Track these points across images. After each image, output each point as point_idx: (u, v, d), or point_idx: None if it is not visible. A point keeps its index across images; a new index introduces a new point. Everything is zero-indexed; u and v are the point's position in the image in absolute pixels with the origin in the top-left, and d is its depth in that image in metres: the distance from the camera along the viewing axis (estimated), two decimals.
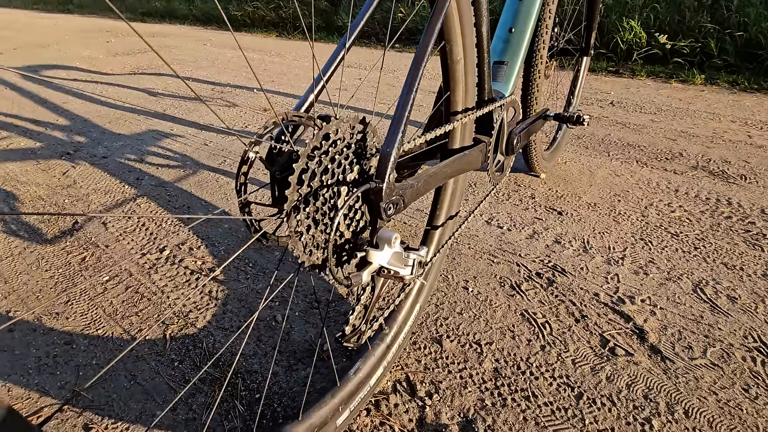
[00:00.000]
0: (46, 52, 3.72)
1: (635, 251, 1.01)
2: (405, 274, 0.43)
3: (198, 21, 6.36)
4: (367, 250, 0.42)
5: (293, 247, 0.40)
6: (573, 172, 1.44)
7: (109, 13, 7.78)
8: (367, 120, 0.46)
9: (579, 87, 1.43)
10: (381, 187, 0.41)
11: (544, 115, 0.96)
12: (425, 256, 0.46)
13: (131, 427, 0.62)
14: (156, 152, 1.59)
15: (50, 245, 1.05)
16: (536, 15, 0.85)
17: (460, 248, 1.01)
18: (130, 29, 5.76)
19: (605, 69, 3.20)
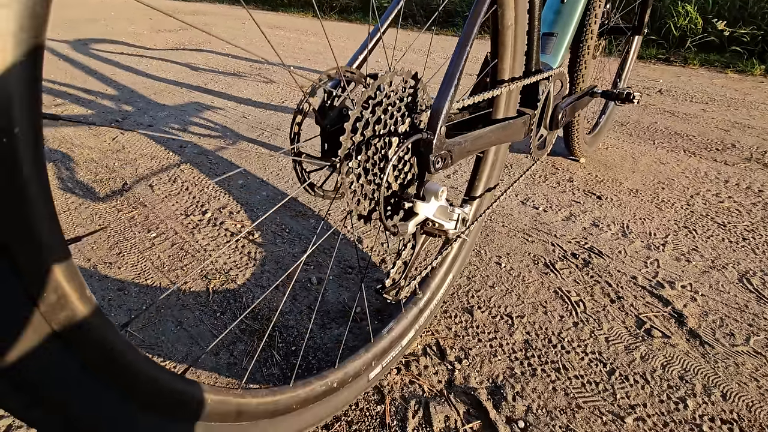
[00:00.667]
0: (94, 27, 3.87)
1: (678, 238, 0.97)
2: (449, 227, 0.44)
3: (235, 0, 6.44)
4: (414, 201, 0.43)
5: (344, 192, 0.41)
6: (615, 158, 1.39)
7: None
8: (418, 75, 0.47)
9: (628, 67, 1.37)
10: (431, 139, 0.41)
11: (592, 91, 0.93)
12: (469, 214, 0.46)
13: (177, 366, 0.66)
14: (198, 123, 1.65)
15: (103, 203, 1.11)
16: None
17: (494, 226, 1.01)
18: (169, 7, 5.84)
19: (654, 56, 3.04)
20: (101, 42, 3.18)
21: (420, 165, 0.44)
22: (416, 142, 0.42)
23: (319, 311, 0.77)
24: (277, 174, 1.27)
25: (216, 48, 3.06)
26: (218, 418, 0.39)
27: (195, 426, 0.36)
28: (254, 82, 2.21)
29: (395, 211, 0.45)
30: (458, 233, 0.45)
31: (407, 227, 0.43)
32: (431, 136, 0.41)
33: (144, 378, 0.31)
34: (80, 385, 0.27)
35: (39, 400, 0.26)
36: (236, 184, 1.21)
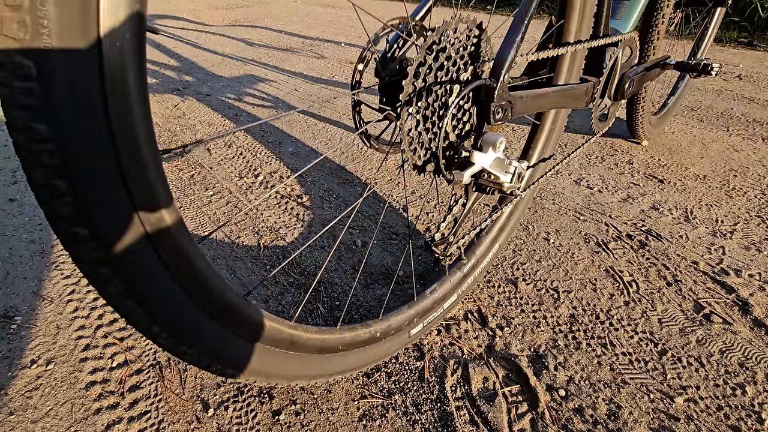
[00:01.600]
0: (158, 3, 4.06)
1: (749, 227, 0.90)
2: (505, 180, 0.43)
3: None
4: (471, 150, 0.43)
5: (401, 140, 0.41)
6: (681, 142, 1.30)
7: None
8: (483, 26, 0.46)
9: (707, 41, 1.26)
10: (494, 87, 0.41)
11: (664, 62, 0.87)
12: (525, 169, 0.45)
13: None
14: (252, 93, 1.70)
15: (165, 163, 1.19)
16: None
17: (543, 203, 0.98)
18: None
19: (735, 40, 2.78)
20: (164, 18, 3.34)
21: (480, 114, 0.43)
22: (478, 89, 0.41)
23: (363, 272, 0.79)
24: (326, 143, 1.29)
25: (270, 25, 3.13)
26: (273, 343, 0.41)
27: (254, 345, 0.39)
28: (306, 57, 2.24)
29: (451, 161, 0.45)
30: (513, 188, 0.44)
31: (463, 176, 0.43)
32: (494, 83, 0.41)
33: (213, 290, 0.34)
34: (161, 284, 0.30)
35: (131, 293, 0.29)
36: (287, 152, 1.25)
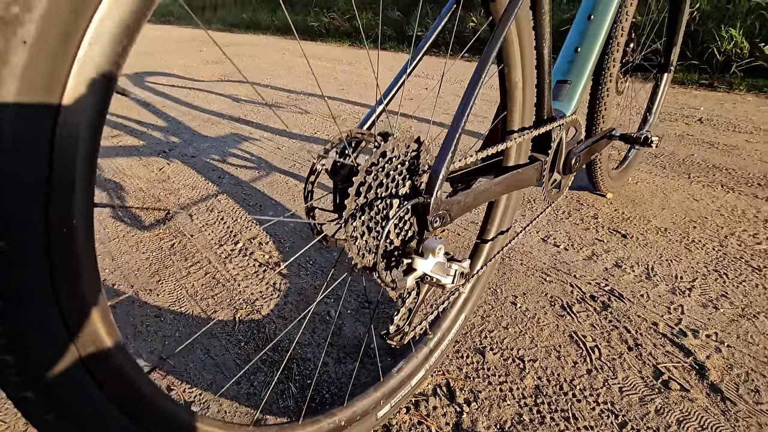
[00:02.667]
0: (150, 60, 4.23)
1: (706, 283, 0.94)
2: (446, 282, 0.47)
3: (279, 31, 6.85)
4: (413, 257, 0.46)
5: (349, 249, 0.45)
6: (644, 193, 1.36)
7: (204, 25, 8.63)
8: (421, 139, 0.51)
9: (657, 105, 1.35)
10: (428, 202, 0.45)
11: (610, 134, 0.94)
12: (467, 268, 0.49)
13: (203, 393, 0.72)
14: (236, 153, 1.77)
15: (147, 231, 1.22)
16: (605, 34, 0.84)
17: (512, 263, 1.01)
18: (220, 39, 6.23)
19: (696, 82, 2.95)
20: (156, 74, 3.47)
21: (419, 224, 0.47)
22: (415, 204, 0.45)
23: (335, 345, 0.81)
24: None
25: (258, 79, 3.27)
26: None
27: None
28: (290, 113, 2.34)
29: (396, 266, 0.48)
30: (456, 287, 0.47)
31: (406, 282, 0.46)
32: (428, 199, 0.45)
33: (155, 408, 0.36)
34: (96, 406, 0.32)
35: (58, 409, 0.31)
36: (266, 215, 1.29)
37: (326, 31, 5.90)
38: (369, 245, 0.47)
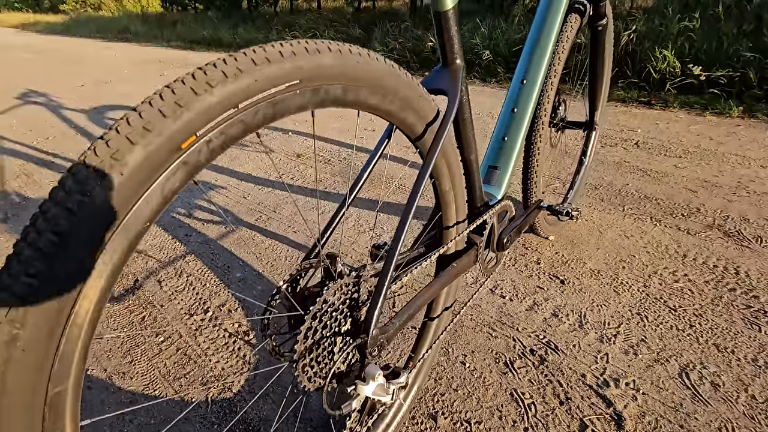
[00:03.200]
0: (108, 91, 4.14)
1: (629, 328, 1.07)
2: (386, 400, 0.56)
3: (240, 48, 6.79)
4: (356, 383, 0.55)
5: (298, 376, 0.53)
6: (582, 232, 1.50)
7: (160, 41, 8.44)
8: (361, 274, 0.59)
9: (583, 172, 1.47)
10: (366, 341, 0.54)
11: (539, 206, 1.06)
12: (405, 381, 0.58)
13: None
14: (201, 206, 1.80)
15: (117, 304, 1.25)
16: (528, 122, 0.95)
17: (463, 319, 1.12)
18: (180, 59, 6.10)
19: (636, 99, 3.17)
20: (115, 109, 3.42)
21: (360, 354, 0.56)
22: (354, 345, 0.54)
23: (303, 419, 0.89)
24: (272, 265, 1.40)
25: None
26: None
27: None
28: (254, 153, 2.38)
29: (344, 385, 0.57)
30: (393, 402, 0.56)
31: (351, 406, 0.54)
32: (365, 338, 0.54)
33: None
34: None
35: None
36: (235, 278, 1.35)
37: None
38: (316, 375, 0.55)
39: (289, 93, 0.43)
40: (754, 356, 0.97)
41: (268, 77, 0.40)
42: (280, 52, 0.41)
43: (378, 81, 0.52)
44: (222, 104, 0.38)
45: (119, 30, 10.08)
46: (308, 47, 0.44)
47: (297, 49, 0.43)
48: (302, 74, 0.43)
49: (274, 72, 0.41)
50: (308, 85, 0.44)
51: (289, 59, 0.42)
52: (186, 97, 0.36)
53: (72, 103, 3.67)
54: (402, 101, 0.57)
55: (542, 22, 0.96)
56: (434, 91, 0.67)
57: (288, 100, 0.43)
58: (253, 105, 0.40)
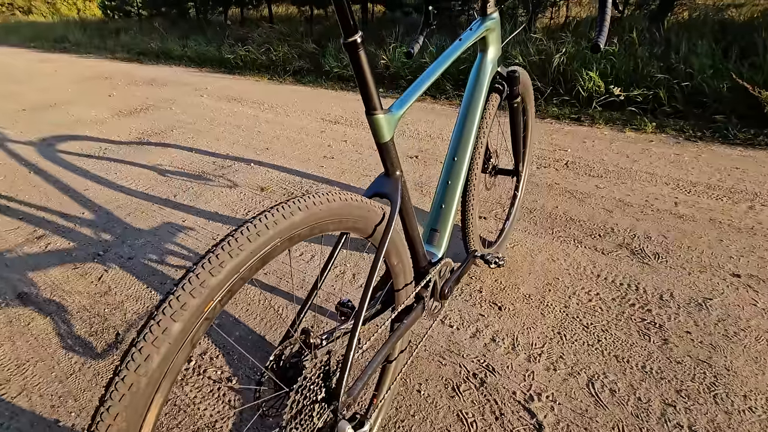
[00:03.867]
0: (54, 115, 4.01)
1: (551, 347, 1.32)
2: None
3: (192, 62, 6.67)
4: None
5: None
6: (517, 257, 1.75)
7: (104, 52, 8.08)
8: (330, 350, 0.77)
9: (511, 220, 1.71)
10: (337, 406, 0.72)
11: (473, 256, 1.27)
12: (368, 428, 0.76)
13: None
14: (172, 250, 1.90)
15: (101, 360, 1.35)
16: (460, 190, 1.16)
17: (419, 351, 1.32)
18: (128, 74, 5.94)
19: (569, 116, 3.52)
20: (65, 140, 3.35)
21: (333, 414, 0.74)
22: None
23: None
24: (246, 310, 1.54)
25: (180, 140, 3.30)
26: None
27: None
28: (219, 188, 2.47)
29: None
30: None
31: None
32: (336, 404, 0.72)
33: None
34: None
35: None
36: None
37: (243, 63, 5.91)
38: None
39: (272, 248, 0.60)
40: (643, 364, 1.24)
41: (259, 245, 0.57)
42: (265, 225, 0.58)
43: (335, 214, 0.70)
44: (230, 275, 0.54)
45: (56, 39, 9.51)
46: (284, 212, 0.61)
47: (276, 217, 0.60)
48: (281, 234, 0.60)
49: (261, 241, 0.57)
50: (285, 238, 0.61)
51: (272, 228, 0.59)
52: (204, 276, 0.52)
53: (17, 133, 3.54)
54: (354, 219, 0.75)
55: (468, 106, 1.17)
56: (380, 194, 0.86)
57: (272, 253, 0.60)
58: (248, 266, 0.57)
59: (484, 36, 1.13)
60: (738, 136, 2.93)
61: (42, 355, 1.36)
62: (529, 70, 3.89)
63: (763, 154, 2.67)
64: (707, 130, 3.07)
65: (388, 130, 0.80)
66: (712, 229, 1.89)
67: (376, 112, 0.77)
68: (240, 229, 0.57)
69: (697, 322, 1.38)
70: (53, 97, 4.81)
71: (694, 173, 2.45)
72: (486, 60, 1.17)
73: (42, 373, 1.30)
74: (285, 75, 5.44)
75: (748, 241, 1.80)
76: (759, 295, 1.49)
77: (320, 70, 5.27)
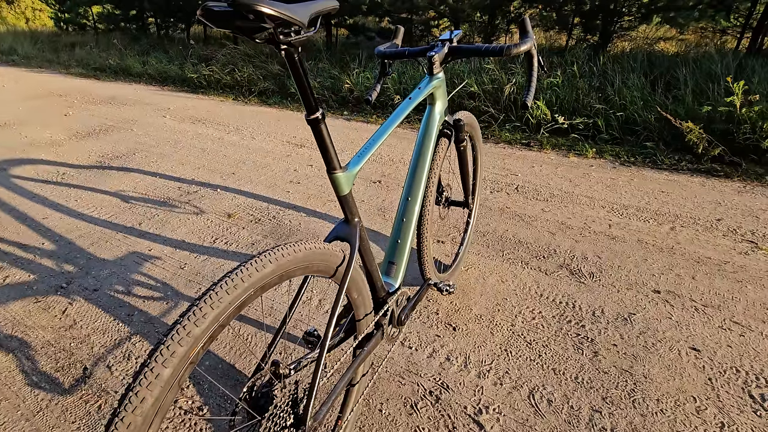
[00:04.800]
0: (6, 137, 3.87)
1: (498, 363, 1.47)
2: None
3: (153, 80, 6.58)
4: None
5: None
6: (470, 280, 1.92)
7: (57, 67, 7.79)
8: (297, 380, 0.88)
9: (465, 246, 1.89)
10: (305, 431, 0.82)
11: (427, 284, 1.42)
12: None
13: None
14: (139, 281, 1.92)
15: (70, 395, 1.37)
16: (414, 226, 1.31)
17: (381, 372, 1.44)
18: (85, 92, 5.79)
19: (520, 141, 3.80)
20: (20, 164, 3.25)
21: None
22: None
23: None
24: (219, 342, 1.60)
25: (143, 165, 3.28)
26: None
27: None
28: (185, 215, 2.50)
29: None
30: None
31: None
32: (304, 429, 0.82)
33: None
34: None
35: None
36: None
37: (207, 83, 5.90)
38: None
39: (247, 297, 0.70)
40: (576, 375, 1.42)
41: (236, 296, 0.68)
42: (241, 278, 0.69)
43: (301, 261, 0.82)
44: (211, 324, 0.64)
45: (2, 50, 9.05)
46: (257, 266, 0.72)
47: (250, 271, 0.71)
48: (254, 285, 0.71)
49: (237, 293, 0.68)
50: (258, 287, 0.72)
51: (246, 280, 0.69)
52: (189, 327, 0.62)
53: None
54: (317, 264, 0.87)
55: (419, 152, 1.33)
56: (341, 238, 0.99)
57: (247, 301, 0.71)
58: (227, 315, 0.67)
59: (432, 92, 1.30)
60: (665, 161, 3.29)
61: (6, 394, 1.36)
62: (483, 98, 4.18)
63: (684, 178, 3.03)
64: (639, 155, 3.42)
65: (347, 185, 0.93)
66: (639, 249, 2.14)
67: (336, 171, 0.90)
68: (219, 283, 0.68)
69: (622, 335, 1.59)
70: (4, 116, 4.61)
71: (627, 197, 2.74)
72: (434, 112, 1.34)
73: (7, 412, 1.30)
74: (250, 96, 5.49)
75: (668, 259, 2.06)
76: (674, 309, 1.72)
77: (286, 91, 5.37)
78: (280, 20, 0.62)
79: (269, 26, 0.63)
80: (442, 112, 1.36)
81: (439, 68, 1.28)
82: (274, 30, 0.64)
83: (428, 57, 1.23)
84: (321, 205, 2.64)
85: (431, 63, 1.25)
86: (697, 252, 2.11)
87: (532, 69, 1.27)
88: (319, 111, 0.81)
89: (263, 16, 0.60)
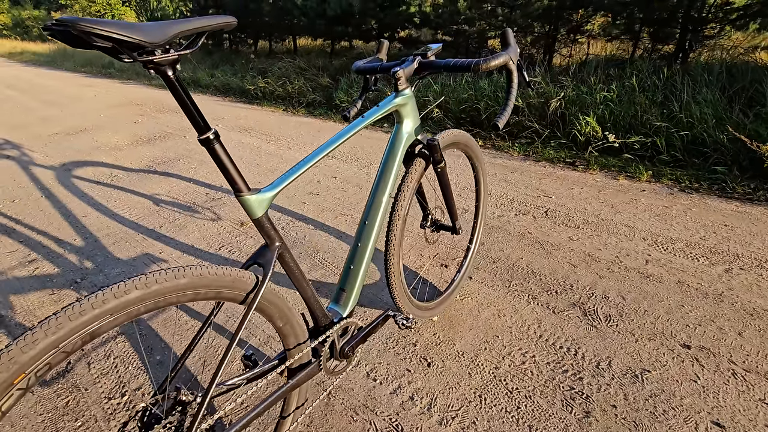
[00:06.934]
0: (80, 141, 4.36)
1: (467, 411, 1.31)
2: None
3: (218, 91, 7.11)
4: None
5: None
6: (463, 311, 1.75)
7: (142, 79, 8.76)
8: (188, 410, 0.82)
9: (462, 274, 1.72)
10: None
11: (387, 316, 1.30)
12: None
13: None
14: None
15: (47, 387, 1.45)
16: (369, 253, 1.20)
17: (334, 403, 1.34)
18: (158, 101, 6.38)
19: (564, 160, 3.49)
20: (83, 166, 3.64)
21: None
22: None
23: None
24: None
25: (183, 171, 3.51)
26: None
27: None
28: (203, 220, 2.61)
29: None
30: None
31: None
32: None
33: None
34: None
35: None
36: (155, 361, 1.55)
37: (262, 94, 6.24)
38: None
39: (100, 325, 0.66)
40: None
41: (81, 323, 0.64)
42: (91, 304, 0.65)
43: (213, 286, 0.77)
44: (45, 351, 0.61)
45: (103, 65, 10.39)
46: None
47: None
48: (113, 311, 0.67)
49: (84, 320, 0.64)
50: (122, 314, 0.68)
51: (98, 307, 0.66)
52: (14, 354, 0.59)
53: (42, 157, 3.88)
54: (227, 290, 0.82)
55: (382, 173, 1.22)
56: (258, 263, 0.92)
57: (101, 328, 0.67)
58: (69, 342, 0.63)
59: (397, 110, 1.20)
60: (737, 189, 2.82)
61: None
62: (526, 112, 3.92)
63: (758, 211, 2.55)
64: (705, 180, 2.96)
65: (259, 208, 0.87)
66: (676, 292, 1.82)
67: (242, 194, 0.84)
68: (65, 309, 0.64)
69: (627, 396, 1.33)
70: (85, 123, 5.24)
71: (678, 229, 2.37)
72: (401, 131, 1.23)
73: None
74: (299, 107, 5.70)
75: (711, 308, 1.72)
76: (704, 371, 1.42)
77: (331, 103, 5.49)
78: (116, 41, 0.59)
79: (106, 45, 0.60)
80: (412, 131, 1.25)
81: (406, 84, 1.18)
82: (114, 50, 0.61)
83: (392, 72, 1.14)
84: (332, 218, 2.62)
85: (396, 78, 1.15)
86: (753, 302, 1.74)
87: (510, 85, 1.13)
88: (210, 130, 0.76)
89: (90, 35, 0.57)
